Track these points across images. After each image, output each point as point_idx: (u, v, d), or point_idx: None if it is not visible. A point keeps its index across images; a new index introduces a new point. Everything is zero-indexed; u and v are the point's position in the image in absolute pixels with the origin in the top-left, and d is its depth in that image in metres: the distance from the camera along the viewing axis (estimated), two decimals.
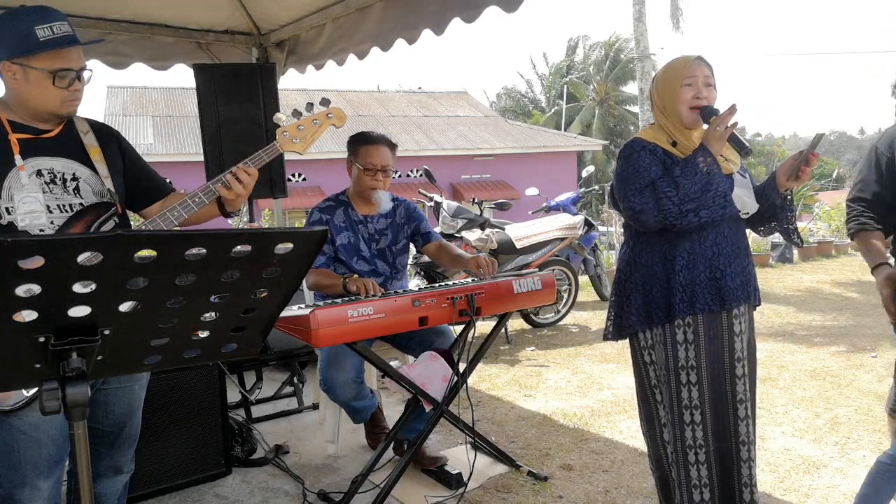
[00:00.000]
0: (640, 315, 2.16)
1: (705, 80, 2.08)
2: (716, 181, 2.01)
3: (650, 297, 2.13)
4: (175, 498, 2.74)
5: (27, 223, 1.66)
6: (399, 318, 2.33)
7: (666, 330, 2.10)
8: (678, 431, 2.11)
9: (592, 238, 6.50)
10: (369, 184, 2.87)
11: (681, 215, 2.02)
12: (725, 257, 2.08)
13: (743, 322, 2.09)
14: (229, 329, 1.22)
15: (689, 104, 2.07)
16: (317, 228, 1.15)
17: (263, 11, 4.02)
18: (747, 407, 2.08)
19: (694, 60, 2.08)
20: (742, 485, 2.08)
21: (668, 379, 2.11)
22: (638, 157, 2.10)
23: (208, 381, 2.84)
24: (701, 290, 2.06)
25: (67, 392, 1.03)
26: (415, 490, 2.72)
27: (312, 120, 2.03)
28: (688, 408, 2.09)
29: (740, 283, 2.09)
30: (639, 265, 2.18)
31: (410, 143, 20.70)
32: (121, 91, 20.49)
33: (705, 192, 2.00)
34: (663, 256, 2.11)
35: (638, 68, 11.02)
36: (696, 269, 2.07)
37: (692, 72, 2.07)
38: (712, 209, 2.02)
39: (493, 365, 4.71)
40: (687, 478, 2.11)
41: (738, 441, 2.07)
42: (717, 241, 2.09)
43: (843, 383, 4.01)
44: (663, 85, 2.13)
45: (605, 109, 32.04)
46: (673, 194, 2.00)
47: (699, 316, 2.06)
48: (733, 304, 2.06)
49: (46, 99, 1.68)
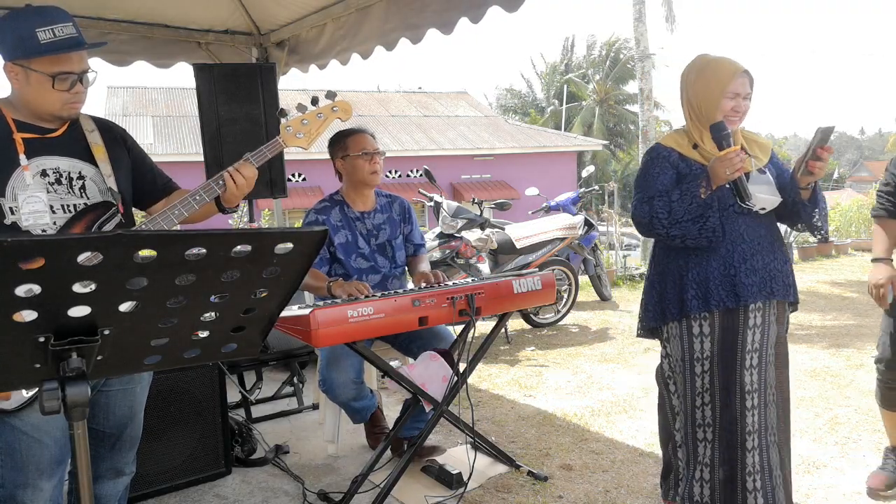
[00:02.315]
0: (656, 311, 2.25)
1: (745, 94, 2.12)
2: (709, 214, 2.06)
3: (665, 293, 2.21)
4: (175, 498, 2.74)
5: (31, 223, 1.66)
6: (399, 318, 2.33)
7: (682, 324, 2.18)
8: (689, 412, 2.21)
9: (592, 238, 6.50)
10: (370, 167, 2.87)
11: (668, 237, 2.13)
12: (741, 254, 2.12)
13: (760, 316, 2.12)
14: (229, 329, 1.22)
15: (725, 114, 2.10)
16: (317, 228, 1.15)
17: (263, 11, 4.02)
18: (754, 398, 2.11)
19: (741, 74, 2.10)
20: (746, 473, 2.12)
21: (683, 369, 2.20)
22: (652, 166, 2.20)
23: (208, 381, 2.84)
24: (715, 286, 2.11)
25: (67, 392, 1.03)
26: (415, 490, 2.72)
27: (317, 114, 2.00)
28: (700, 393, 2.18)
29: (758, 279, 2.11)
30: (657, 262, 2.28)
31: (410, 143, 20.69)
32: (121, 91, 20.50)
33: (695, 223, 2.07)
34: (678, 253, 2.19)
35: (638, 68, 11.01)
36: (709, 265, 2.12)
37: (736, 87, 2.10)
38: (697, 240, 2.10)
39: (493, 365, 4.71)
40: (694, 453, 2.21)
41: (744, 431, 2.11)
42: (733, 238, 2.13)
43: (843, 383, 4.01)
44: (704, 87, 2.13)
45: (605, 109, 32.04)
46: (664, 217, 2.09)
47: (715, 312, 2.13)
48: (749, 300, 2.10)
49: (47, 101, 1.67)
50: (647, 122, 10.71)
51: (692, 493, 2.24)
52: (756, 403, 2.12)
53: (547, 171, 20.96)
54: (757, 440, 2.12)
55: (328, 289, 2.62)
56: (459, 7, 2.99)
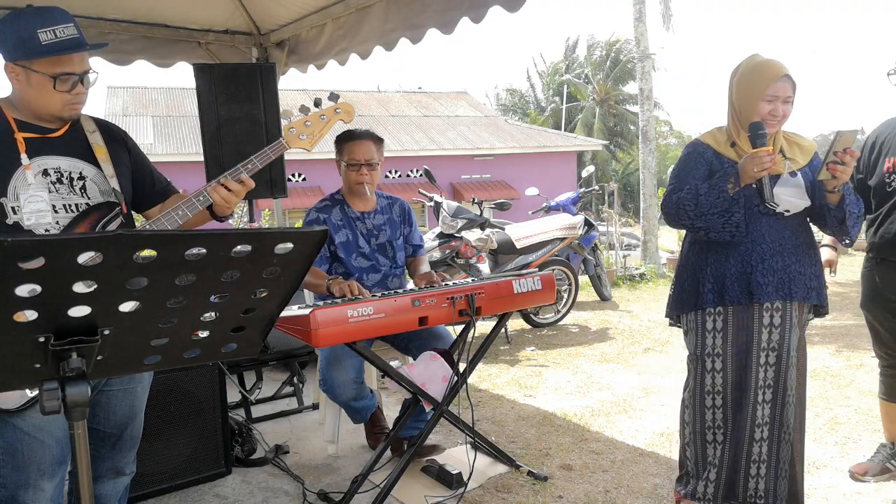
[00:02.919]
0: (676, 301, 2.35)
1: (785, 98, 2.14)
2: (735, 210, 2.10)
3: (684, 284, 2.30)
4: (175, 498, 2.74)
5: (32, 222, 1.65)
6: (399, 318, 2.34)
7: (697, 317, 2.25)
8: (699, 411, 2.27)
9: (592, 238, 6.50)
10: (355, 179, 2.88)
11: (693, 228, 2.19)
12: (759, 254, 2.16)
13: (779, 316, 2.16)
14: (229, 329, 1.22)
15: (763, 117, 2.13)
16: (317, 228, 1.15)
17: (263, 11, 4.01)
18: (767, 394, 2.17)
19: (782, 78, 2.12)
20: (751, 461, 2.20)
21: (696, 364, 2.27)
22: (687, 160, 2.28)
23: (208, 381, 2.84)
24: (731, 282, 2.17)
25: (67, 392, 1.03)
26: (415, 490, 2.72)
27: (320, 115, 2.01)
28: (710, 393, 2.24)
29: (775, 280, 2.15)
30: (683, 254, 2.36)
31: (410, 143, 20.68)
32: (121, 91, 20.49)
33: (720, 217, 2.12)
34: (700, 248, 2.27)
35: (638, 68, 10.97)
36: (727, 262, 2.19)
37: (776, 91, 2.12)
38: (720, 234, 2.14)
39: (493, 365, 4.71)
40: (703, 454, 2.28)
41: (753, 423, 2.18)
42: (753, 237, 2.17)
43: (843, 383, 4.01)
44: (746, 87, 2.17)
45: (605, 109, 32.03)
46: (691, 209, 2.14)
47: (729, 308, 2.19)
48: (763, 300, 2.14)
49: (48, 102, 1.67)
50: (647, 122, 10.68)
51: (696, 492, 2.30)
52: (769, 399, 2.17)
53: (547, 171, 20.95)
54: (767, 433, 2.18)
55: (327, 287, 2.62)
56: (460, 7, 2.99)
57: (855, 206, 2.15)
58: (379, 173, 2.95)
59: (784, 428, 2.19)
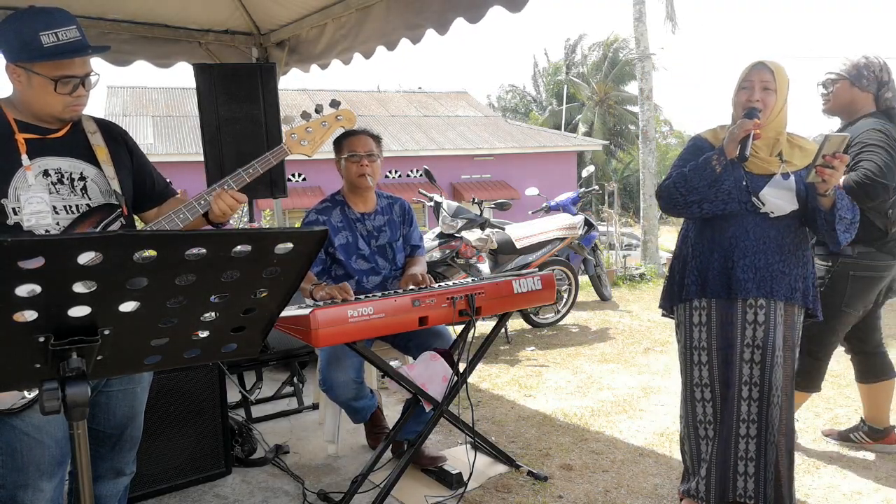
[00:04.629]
0: (667, 292, 2.44)
1: (763, 84, 2.17)
2: (724, 179, 2.15)
3: (674, 276, 2.39)
4: (175, 498, 2.74)
5: (33, 223, 1.65)
6: (399, 318, 2.33)
7: (686, 311, 2.33)
8: (690, 404, 2.34)
9: (592, 238, 6.50)
10: (356, 171, 2.86)
11: (687, 205, 2.23)
12: (741, 250, 2.20)
13: (761, 314, 2.20)
14: (229, 329, 1.22)
15: (742, 106, 2.19)
16: (316, 228, 1.15)
17: (263, 11, 4.02)
18: (751, 389, 2.21)
19: (753, 65, 2.20)
20: (738, 458, 2.24)
21: (684, 358, 2.35)
22: (686, 152, 2.36)
23: (208, 381, 2.84)
24: (713, 276, 2.24)
25: (67, 392, 1.03)
26: (415, 490, 2.72)
27: (321, 122, 2.03)
28: (699, 385, 2.31)
29: (755, 277, 2.18)
30: (676, 247, 2.44)
31: (410, 143, 20.69)
32: (121, 91, 20.50)
33: (710, 187, 2.17)
34: (689, 241, 2.35)
35: (638, 68, 10.98)
36: (711, 256, 2.25)
37: (749, 76, 2.19)
38: (714, 204, 2.19)
39: (493, 365, 4.71)
40: (697, 450, 2.33)
41: (738, 419, 2.22)
42: (737, 233, 2.21)
43: (843, 383, 4.01)
44: (736, 85, 2.27)
45: (604, 109, 32.03)
46: (681, 185, 2.21)
47: (713, 301, 2.26)
48: (740, 295, 2.19)
49: (49, 104, 1.67)
50: (646, 122, 10.68)
51: (690, 490, 2.33)
52: (756, 397, 2.20)
53: (547, 171, 20.95)
54: (755, 430, 2.20)
55: (310, 293, 2.61)
56: (458, 7, 2.98)
57: (848, 211, 2.13)
58: (380, 169, 2.95)
59: (769, 429, 2.20)
